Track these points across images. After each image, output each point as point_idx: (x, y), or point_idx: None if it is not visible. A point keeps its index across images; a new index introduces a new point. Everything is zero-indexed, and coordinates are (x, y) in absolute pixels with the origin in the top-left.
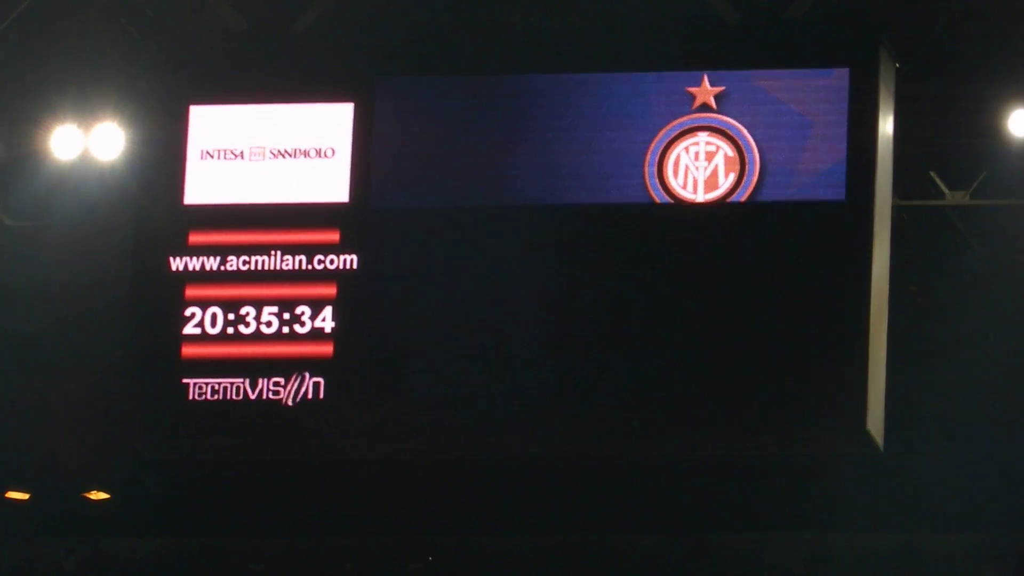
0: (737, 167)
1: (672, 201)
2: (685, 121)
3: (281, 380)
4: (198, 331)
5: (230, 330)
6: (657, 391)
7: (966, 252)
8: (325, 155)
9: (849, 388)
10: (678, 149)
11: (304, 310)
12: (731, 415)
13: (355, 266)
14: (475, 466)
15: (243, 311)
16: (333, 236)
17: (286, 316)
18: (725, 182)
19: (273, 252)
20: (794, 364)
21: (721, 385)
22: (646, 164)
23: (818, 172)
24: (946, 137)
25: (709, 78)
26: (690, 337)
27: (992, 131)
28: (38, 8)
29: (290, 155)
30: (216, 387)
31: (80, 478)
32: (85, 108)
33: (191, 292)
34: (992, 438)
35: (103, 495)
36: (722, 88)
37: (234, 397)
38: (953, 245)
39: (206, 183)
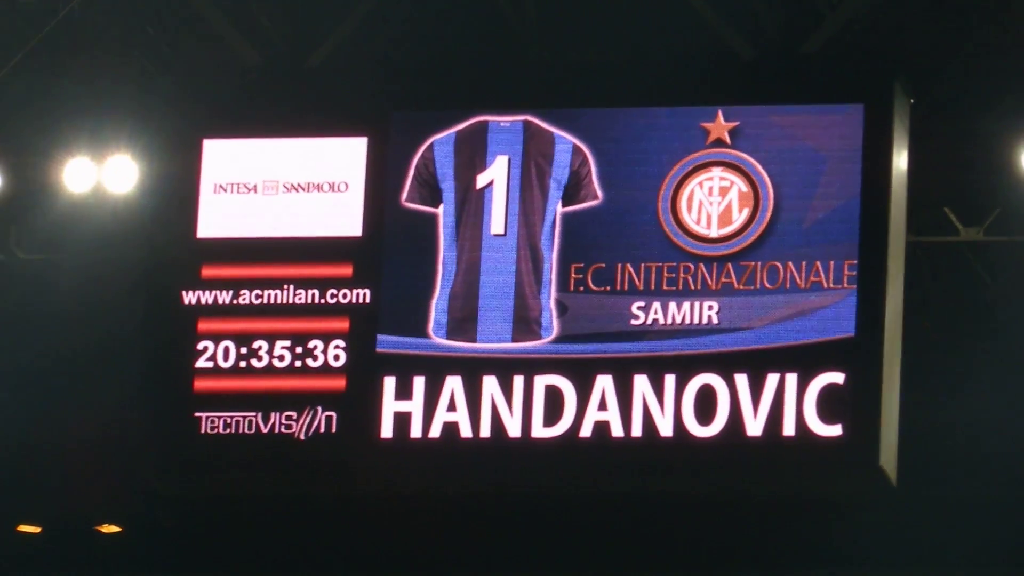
0: (751, 202)
1: (686, 236)
2: (699, 156)
3: (293, 414)
4: (210, 365)
5: (243, 364)
6: (669, 428)
7: (980, 288)
8: (339, 189)
9: (863, 424)
10: (692, 184)
11: (317, 344)
12: (743, 451)
13: (367, 300)
14: (489, 502)
15: (256, 345)
16: (346, 270)
17: (299, 350)
18: (739, 217)
19: (286, 286)
20: (807, 399)
21: (734, 422)
22: (660, 199)
23: (832, 208)
24: (960, 173)
25: (723, 113)
26: (702, 373)
27: (1006, 167)
28: (52, 41)
29: (303, 189)
30: (228, 421)
31: (92, 512)
32: (98, 141)
33: (204, 326)
34: (1007, 474)
35: (115, 529)
36: (736, 123)
37: (246, 431)
38: (967, 281)
39: (219, 217)
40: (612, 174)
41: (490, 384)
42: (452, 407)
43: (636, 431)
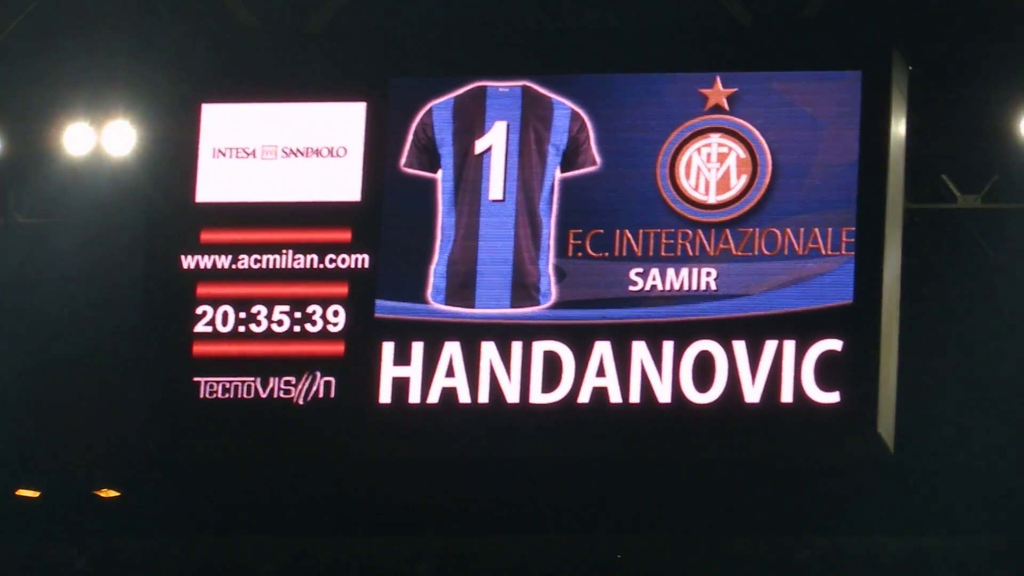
0: (749, 169)
1: (684, 202)
2: (698, 122)
3: (292, 379)
4: (209, 329)
5: (241, 329)
6: (666, 394)
7: (977, 255)
8: (337, 154)
9: (861, 391)
10: (690, 150)
11: (315, 309)
12: (741, 417)
13: (366, 265)
14: (485, 466)
15: (254, 310)
16: (345, 235)
17: (297, 315)
18: (737, 184)
19: (285, 251)
20: (805, 365)
21: (732, 388)
22: (658, 165)
23: (830, 174)
24: (958, 141)
25: (722, 79)
26: (700, 339)
27: (1004, 135)
28: (51, 6)
29: (302, 154)
30: (227, 386)
31: (90, 476)
32: (97, 105)
33: (203, 290)
34: (1004, 440)
35: (113, 493)
36: (735, 89)
37: (245, 396)
38: (964, 248)
39: (218, 181)
40: (610, 140)
41: (488, 350)
42: (451, 373)
43: (634, 397)
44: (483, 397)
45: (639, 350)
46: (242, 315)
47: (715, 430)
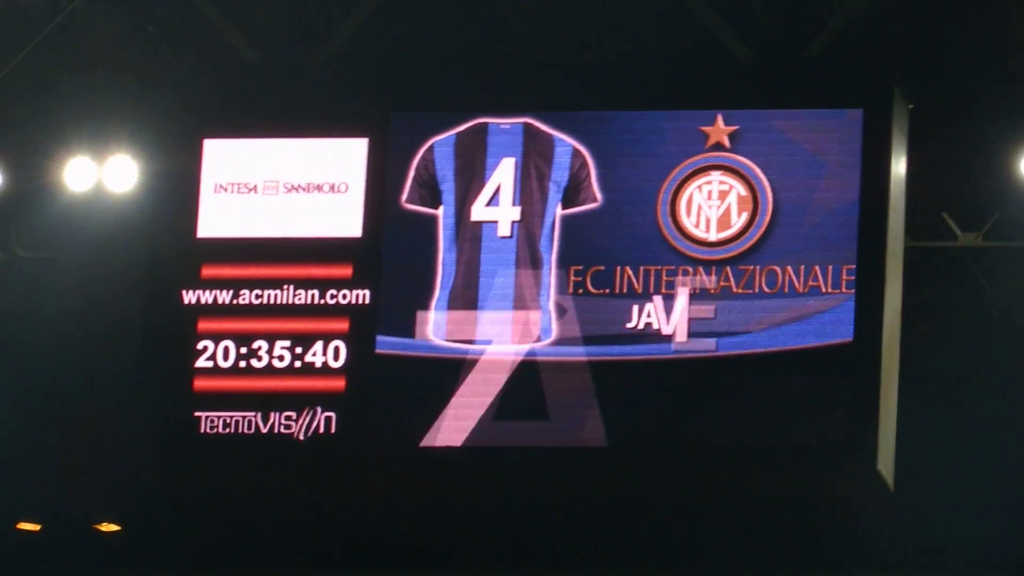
0: (750, 207)
1: (684, 239)
2: (698, 160)
3: (293, 414)
4: (210, 364)
5: (242, 364)
6: (667, 431)
7: (978, 294)
8: (339, 190)
9: (860, 428)
10: (691, 188)
11: (316, 344)
12: (742, 455)
13: (367, 301)
14: (487, 502)
15: (255, 345)
16: (346, 271)
17: (298, 350)
18: (738, 221)
19: (286, 286)
20: (805, 403)
21: (732, 426)
22: (659, 203)
23: (831, 212)
24: (959, 178)
25: (723, 117)
26: (701, 376)
27: (1005, 173)
28: (53, 40)
29: (304, 189)
30: (228, 420)
31: (91, 510)
32: (99, 140)
33: (204, 325)
34: (1004, 479)
35: (114, 527)
36: (736, 127)
37: (246, 431)
38: (965, 287)
39: (219, 216)
40: (611, 177)
41: (489, 386)
42: (449, 409)
43: (635, 434)
44: (482, 434)
45: (640, 387)
46: (243, 350)
47: (714, 467)
